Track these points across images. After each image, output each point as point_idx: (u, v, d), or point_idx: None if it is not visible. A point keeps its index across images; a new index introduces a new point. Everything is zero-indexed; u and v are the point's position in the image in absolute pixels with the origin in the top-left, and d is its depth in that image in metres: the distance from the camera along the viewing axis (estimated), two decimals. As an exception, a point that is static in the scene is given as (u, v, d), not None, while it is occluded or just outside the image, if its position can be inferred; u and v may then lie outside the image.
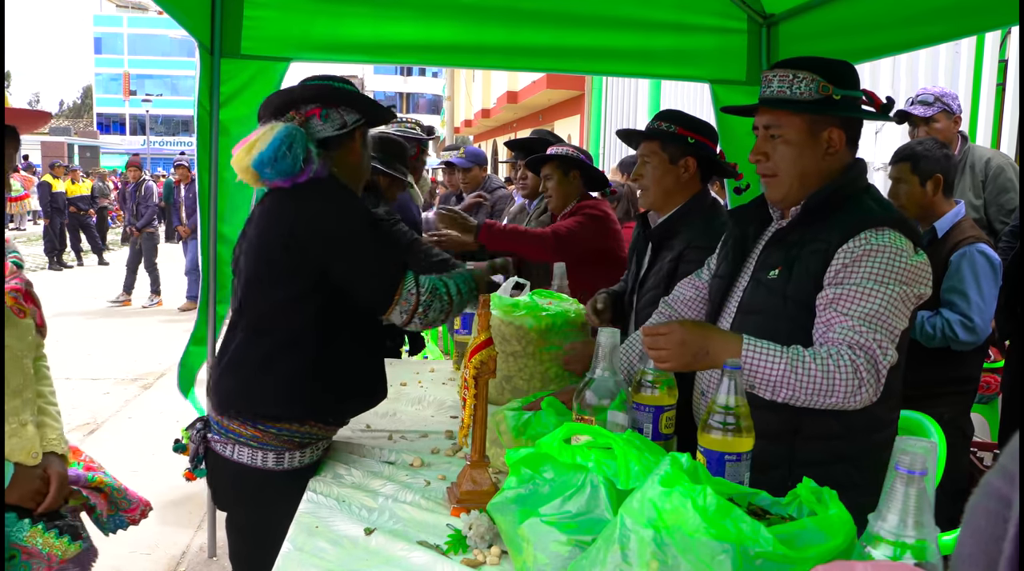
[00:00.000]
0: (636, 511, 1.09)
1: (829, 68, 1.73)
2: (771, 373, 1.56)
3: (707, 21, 3.56)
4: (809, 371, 1.55)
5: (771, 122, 1.77)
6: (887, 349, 1.59)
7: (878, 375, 1.57)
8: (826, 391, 1.55)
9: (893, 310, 1.62)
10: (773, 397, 1.58)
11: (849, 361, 1.56)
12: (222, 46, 3.23)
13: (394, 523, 1.63)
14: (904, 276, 1.63)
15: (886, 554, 0.97)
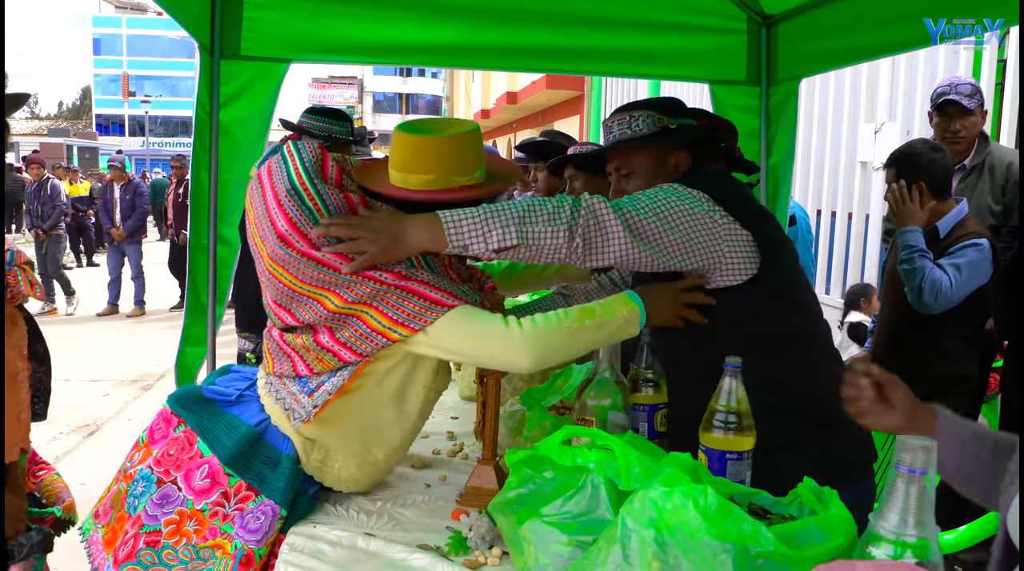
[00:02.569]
0: (637, 511, 1.10)
1: (660, 103, 1.89)
2: (474, 222, 1.52)
3: (706, 21, 3.56)
4: (509, 206, 1.56)
5: (621, 163, 1.90)
6: (598, 201, 1.58)
7: (577, 203, 1.56)
8: (531, 217, 1.54)
9: (634, 197, 1.64)
10: (487, 247, 1.53)
11: (560, 198, 1.58)
12: (222, 47, 3.22)
13: (394, 525, 1.63)
14: (658, 193, 1.66)
15: (887, 553, 0.97)
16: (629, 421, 1.70)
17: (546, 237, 1.54)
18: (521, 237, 1.53)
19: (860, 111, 6.44)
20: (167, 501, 1.62)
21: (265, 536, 1.59)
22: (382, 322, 1.57)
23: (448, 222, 1.53)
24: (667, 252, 1.62)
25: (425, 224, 1.54)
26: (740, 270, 1.70)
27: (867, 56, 3.45)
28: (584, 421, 1.67)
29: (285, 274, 1.62)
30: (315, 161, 1.70)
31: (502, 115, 21.43)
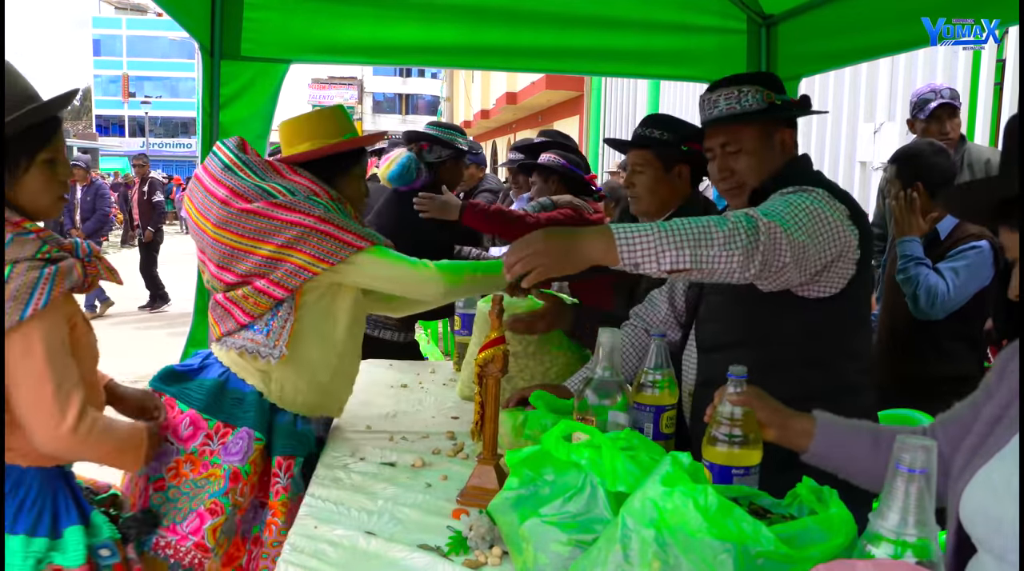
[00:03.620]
0: (638, 511, 1.10)
1: (765, 79, 1.87)
2: (648, 241, 1.47)
3: (706, 21, 3.56)
4: (682, 226, 1.49)
5: (728, 139, 1.84)
6: (773, 224, 1.53)
7: (754, 227, 1.50)
8: (705, 239, 1.47)
9: (789, 212, 1.58)
10: (660, 268, 1.48)
11: (728, 218, 1.52)
12: (222, 48, 3.23)
13: (394, 525, 1.63)
14: (809, 206, 1.61)
15: (887, 553, 0.97)
16: (630, 421, 1.69)
17: (720, 261, 1.48)
18: (695, 261, 1.47)
19: (859, 111, 6.45)
20: (164, 454, 1.97)
21: (245, 456, 1.98)
22: (305, 260, 1.97)
23: (621, 238, 1.47)
24: (808, 272, 1.60)
25: (598, 238, 1.49)
26: (838, 281, 1.69)
27: (867, 56, 3.45)
28: (584, 421, 1.67)
29: (227, 234, 1.99)
30: (237, 145, 2.11)
31: (502, 115, 21.44)
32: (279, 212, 1.96)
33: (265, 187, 2.00)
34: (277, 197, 1.99)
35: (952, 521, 1.17)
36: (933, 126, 3.59)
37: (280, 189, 2.01)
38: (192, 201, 2.11)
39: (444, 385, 2.82)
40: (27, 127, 1.54)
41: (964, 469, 1.16)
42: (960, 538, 1.15)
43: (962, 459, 1.19)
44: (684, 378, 1.95)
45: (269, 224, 1.96)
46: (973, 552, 1.14)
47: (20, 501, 1.62)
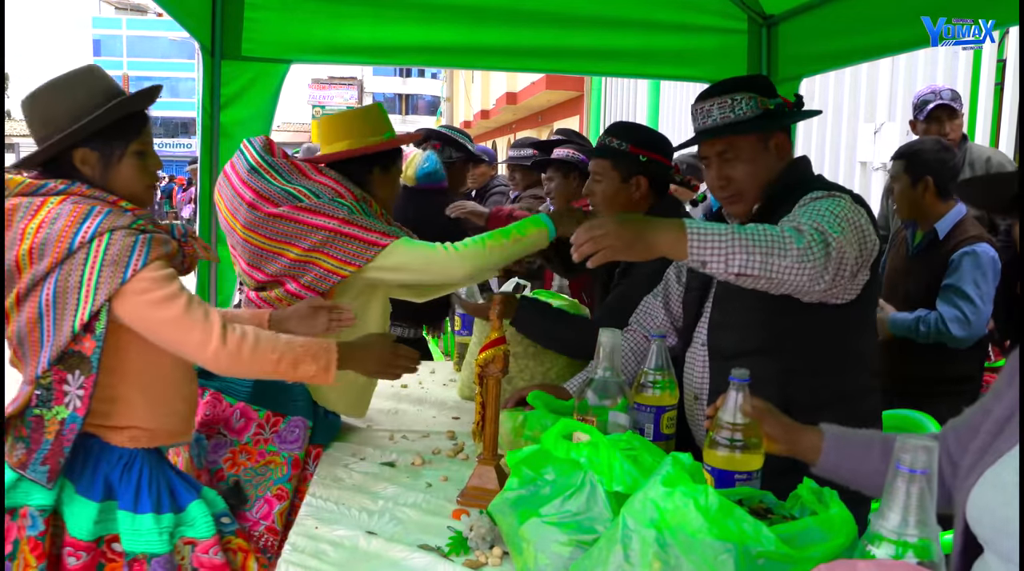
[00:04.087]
0: (638, 511, 1.10)
1: (757, 84, 1.85)
2: (719, 241, 1.46)
3: (707, 21, 3.56)
4: (757, 232, 1.48)
5: (724, 147, 1.83)
6: (839, 241, 1.53)
7: (826, 242, 1.50)
8: (779, 249, 1.46)
9: (836, 222, 1.57)
10: (727, 269, 1.47)
11: (793, 229, 1.51)
12: (223, 48, 3.23)
13: (395, 525, 1.63)
14: (846, 214, 1.61)
15: (888, 553, 0.97)
16: (631, 421, 1.70)
17: (790, 273, 1.47)
18: (764, 269, 1.46)
19: (860, 111, 6.44)
20: (219, 447, 2.05)
21: (303, 443, 2.06)
22: (333, 264, 2.00)
23: (693, 234, 1.46)
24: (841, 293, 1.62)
25: (670, 230, 1.48)
26: (855, 290, 1.68)
27: (867, 56, 3.45)
28: (585, 421, 1.67)
29: (255, 236, 2.05)
30: (264, 146, 2.13)
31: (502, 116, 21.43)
32: (305, 215, 2.00)
33: (290, 190, 2.04)
34: (302, 200, 2.02)
35: (959, 521, 1.17)
36: (933, 127, 3.61)
37: (305, 191, 2.04)
38: (222, 198, 2.18)
39: (444, 385, 2.82)
40: (117, 120, 1.66)
41: (972, 469, 1.16)
42: (967, 538, 1.15)
43: (970, 459, 1.19)
44: (687, 382, 1.93)
45: (296, 228, 1.99)
46: (980, 552, 1.14)
47: (136, 482, 1.69)
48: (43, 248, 1.56)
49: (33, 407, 1.62)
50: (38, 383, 1.62)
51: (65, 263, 1.56)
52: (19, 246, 1.57)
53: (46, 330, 1.59)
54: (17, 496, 1.62)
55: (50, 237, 1.56)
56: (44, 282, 1.57)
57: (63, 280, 1.56)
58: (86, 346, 1.59)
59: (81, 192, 1.63)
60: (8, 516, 1.62)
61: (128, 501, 1.68)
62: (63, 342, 1.58)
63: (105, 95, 1.66)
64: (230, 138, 3.26)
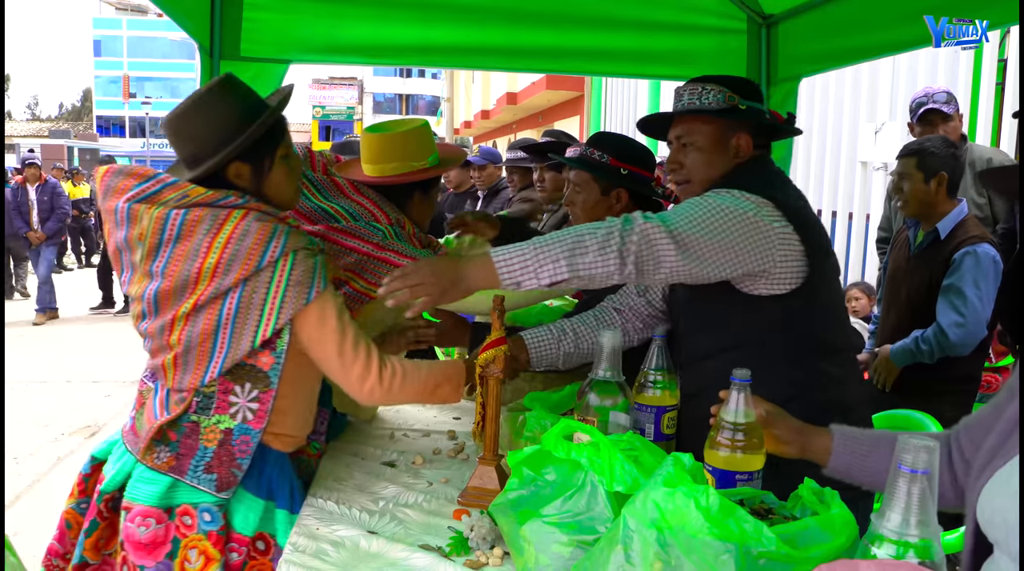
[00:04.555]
0: (639, 512, 1.10)
1: (735, 82, 1.86)
2: (524, 260, 1.54)
3: (706, 21, 3.55)
4: (557, 237, 1.55)
5: (683, 132, 1.87)
6: (650, 224, 1.56)
7: (632, 233, 1.54)
8: (579, 248, 1.53)
9: (687, 214, 1.60)
10: (539, 282, 1.54)
11: (606, 222, 1.57)
12: (222, 48, 3.23)
13: (395, 525, 1.63)
14: (720, 206, 1.62)
15: (889, 553, 0.97)
16: (631, 422, 1.70)
17: (597, 267, 1.54)
18: (572, 270, 1.53)
19: (860, 111, 6.44)
20: None
21: (326, 435, 2.07)
22: (364, 285, 1.98)
23: (499, 261, 1.54)
24: (716, 264, 1.61)
25: (480, 265, 1.57)
26: (788, 279, 1.69)
27: (867, 56, 3.45)
28: (586, 421, 1.67)
29: None
30: (304, 158, 2.05)
31: (502, 116, 21.43)
32: (339, 236, 1.98)
33: (327, 209, 2.02)
34: (339, 221, 2.00)
35: (970, 522, 1.16)
36: (927, 130, 3.61)
37: (342, 212, 2.02)
38: None
39: (445, 385, 2.81)
40: (264, 130, 1.70)
41: (984, 469, 1.16)
42: (978, 538, 1.15)
43: (983, 458, 1.19)
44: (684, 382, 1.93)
45: (330, 247, 1.97)
46: (991, 552, 1.13)
47: (289, 483, 1.78)
48: (231, 263, 1.60)
49: (191, 413, 1.66)
50: (199, 391, 1.66)
51: (251, 280, 1.61)
52: (204, 259, 1.60)
53: (220, 341, 1.63)
54: (176, 496, 1.66)
55: (239, 253, 1.60)
56: (227, 295, 1.61)
57: (248, 296, 1.61)
58: (263, 361, 1.65)
59: (258, 208, 1.67)
60: (166, 516, 1.66)
61: (284, 500, 1.75)
62: (239, 355, 1.63)
63: (248, 107, 1.70)
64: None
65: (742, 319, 1.73)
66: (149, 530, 1.65)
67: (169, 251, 1.62)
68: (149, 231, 1.63)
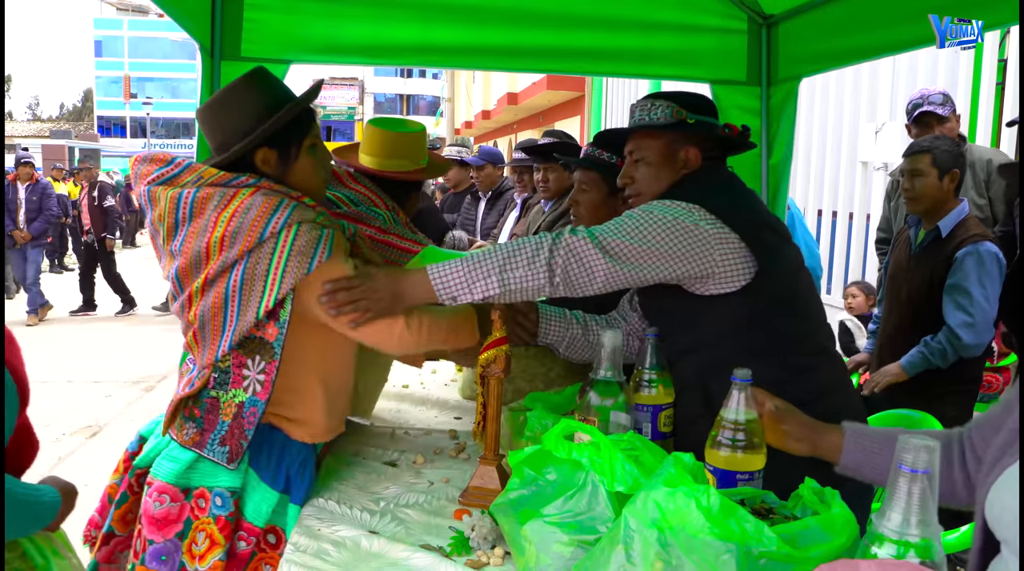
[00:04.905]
0: (640, 511, 1.10)
1: (684, 97, 1.90)
2: (458, 275, 1.63)
3: (707, 21, 3.55)
4: (492, 252, 1.64)
5: (634, 147, 1.93)
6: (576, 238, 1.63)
7: (559, 246, 1.62)
8: (511, 263, 1.62)
9: (617, 225, 1.68)
10: (473, 297, 1.63)
11: (536, 237, 1.65)
12: (222, 48, 3.23)
13: (396, 525, 1.64)
14: (649, 216, 1.68)
15: (890, 553, 0.97)
16: (632, 421, 1.70)
17: (527, 280, 1.62)
18: (502, 285, 1.62)
19: (861, 111, 6.44)
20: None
21: None
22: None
23: (436, 279, 1.63)
24: (650, 267, 1.66)
25: (418, 281, 1.65)
26: (733, 278, 1.71)
27: (868, 56, 3.45)
28: (587, 421, 1.67)
29: None
30: None
31: (503, 116, 21.44)
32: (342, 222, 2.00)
33: (328, 196, 2.05)
34: (340, 207, 2.04)
35: (979, 519, 1.16)
36: (923, 132, 3.61)
37: (343, 198, 2.08)
38: None
39: (446, 385, 2.82)
40: (292, 119, 1.75)
41: (993, 467, 1.16)
42: (986, 536, 1.14)
43: (992, 456, 1.18)
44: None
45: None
46: (999, 551, 1.13)
47: (309, 480, 1.81)
48: (235, 236, 1.63)
49: (210, 389, 1.72)
50: (216, 366, 1.71)
51: (255, 251, 1.64)
52: (211, 233, 1.65)
53: (230, 315, 1.67)
54: (194, 477, 1.71)
55: (243, 226, 1.63)
56: (233, 268, 1.65)
57: (251, 267, 1.64)
58: (269, 332, 1.68)
59: (270, 186, 1.71)
60: (182, 496, 1.70)
61: (299, 497, 1.77)
62: (246, 327, 1.66)
63: (275, 97, 1.75)
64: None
65: (701, 320, 1.77)
66: (163, 506, 1.69)
67: (184, 230, 1.68)
68: (166, 212, 1.69)
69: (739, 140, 1.94)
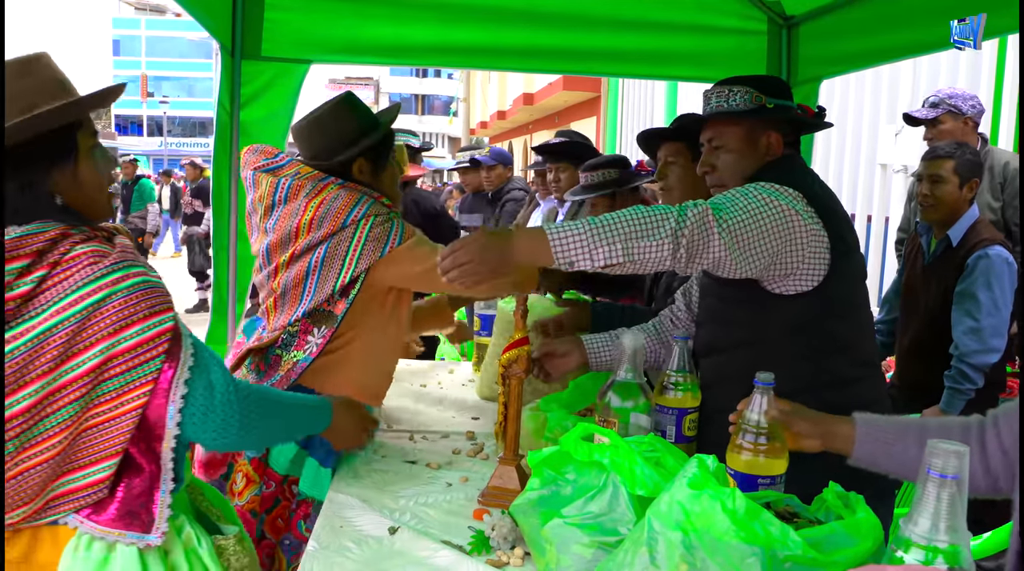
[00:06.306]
0: (664, 514, 1.09)
1: (761, 82, 1.88)
2: (580, 239, 1.51)
3: (726, 22, 3.54)
4: (615, 219, 1.54)
5: (713, 135, 1.88)
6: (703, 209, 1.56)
7: (686, 218, 1.54)
8: (636, 231, 1.52)
9: (733, 200, 1.61)
10: (593, 264, 1.53)
11: (662, 208, 1.57)
12: (243, 48, 3.25)
13: (416, 522, 1.64)
14: (758, 196, 1.63)
15: (917, 558, 0.96)
16: (652, 423, 1.69)
17: (651, 251, 1.53)
18: (627, 254, 1.53)
19: (880, 112, 6.40)
20: None
21: None
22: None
23: (554, 238, 1.52)
24: (756, 259, 1.61)
25: (532, 238, 1.55)
26: (811, 277, 1.69)
27: (889, 58, 3.42)
28: (606, 423, 1.67)
29: None
30: None
31: (518, 116, 21.42)
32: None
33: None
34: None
35: (1016, 522, 1.14)
36: (931, 132, 3.54)
37: None
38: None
39: (463, 386, 2.82)
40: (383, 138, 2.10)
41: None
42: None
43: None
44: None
45: None
46: None
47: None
48: (322, 221, 1.93)
49: (276, 348, 2.00)
50: (286, 329, 1.99)
51: (337, 235, 1.93)
52: (302, 216, 1.95)
53: (308, 287, 1.96)
54: None
55: (329, 213, 1.93)
56: (317, 248, 1.94)
57: (333, 248, 1.94)
58: (337, 307, 1.96)
59: (354, 186, 2.01)
60: None
61: (319, 454, 1.96)
62: (321, 300, 1.95)
63: (368, 118, 2.10)
64: (249, 137, 3.27)
65: (765, 317, 1.73)
66: (207, 451, 1.96)
67: (279, 211, 1.99)
68: (265, 194, 2.01)
69: (815, 121, 1.91)
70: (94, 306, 1.31)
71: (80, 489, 1.35)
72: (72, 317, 1.30)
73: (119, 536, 1.37)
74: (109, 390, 1.33)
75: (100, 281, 1.32)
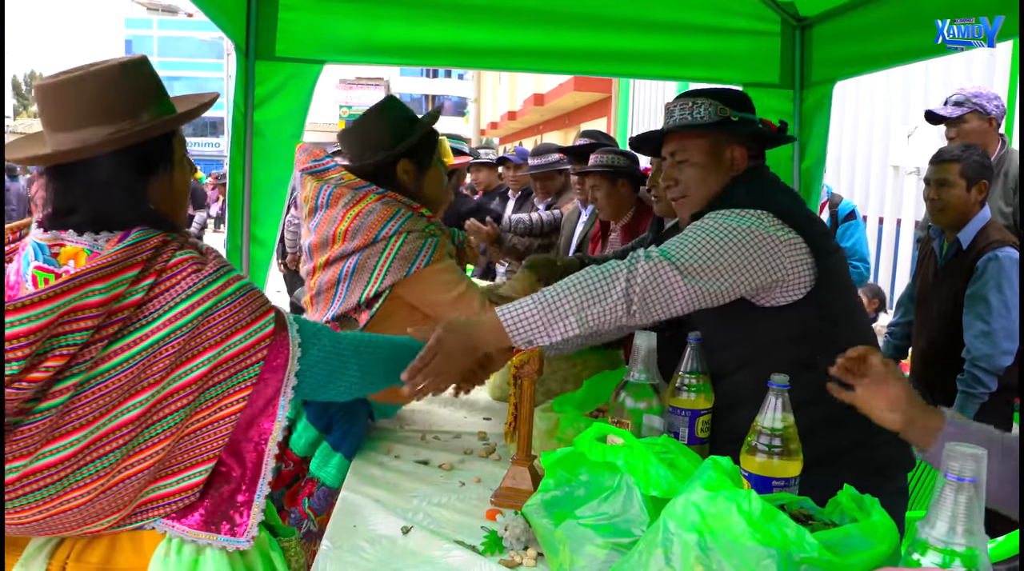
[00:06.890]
0: (680, 515, 1.09)
1: (725, 95, 1.87)
2: (533, 318, 1.57)
3: (740, 23, 3.53)
4: (564, 292, 1.57)
5: (677, 148, 1.87)
6: (652, 261, 1.58)
7: (636, 273, 1.56)
8: (586, 301, 1.56)
9: (688, 240, 1.62)
10: (551, 340, 1.57)
11: (610, 267, 1.59)
12: (257, 48, 3.26)
13: (429, 522, 1.64)
14: (720, 226, 1.63)
15: (935, 561, 0.96)
16: (665, 425, 1.69)
17: (605, 316, 1.57)
18: (581, 325, 1.57)
19: (893, 114, 6.37)
20: None
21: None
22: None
23: (508, 323, 1.58)
24: (728, 281, 1.62)
25: (489, 327, 1.61)
26: (799, 286, 1.69)
27: (903, 60, 3.40)
28: (619, 424, 1.67)
29: None
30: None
31: (529, 117, 21.43)
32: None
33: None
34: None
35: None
36: (953, 131, 3.48)
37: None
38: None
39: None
40: (425, 135, 2.15)
41: None
42: None
43: None
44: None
45: None
46: None
47: (348, 427, 2.02)
48: (356, 232, 2.00)
49: None
50: None
51: (368, 247, 2.00)
52: (339, 225, 2.02)
53: (339, 293, 2.05)
54: None
55: (363, 225, 2.00)
56: (349, 257, 2.02)
57: (363, 261, 2.00)
58: (362, 318, 2.03)
59: (393, 197, 2.05)
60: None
61: (335, 439, 2.01)
62: (349, 306, 2.03)
63: (410, 118, 2.15)
64: (263, 137, 3.29)
65: (759, 331, 1.74)
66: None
67: (320, 215, 2.07)
68: (310, 196, 2.09)
69: (778, 135, 1.90)
70: (204, 314, 1.32)
71: (172, 494, 1.35)
72: (185, 326, 1.30)
73: (209, 539, 1.37)
74: (212, 396, 1.34)
75: (208, 289, 1.33)
